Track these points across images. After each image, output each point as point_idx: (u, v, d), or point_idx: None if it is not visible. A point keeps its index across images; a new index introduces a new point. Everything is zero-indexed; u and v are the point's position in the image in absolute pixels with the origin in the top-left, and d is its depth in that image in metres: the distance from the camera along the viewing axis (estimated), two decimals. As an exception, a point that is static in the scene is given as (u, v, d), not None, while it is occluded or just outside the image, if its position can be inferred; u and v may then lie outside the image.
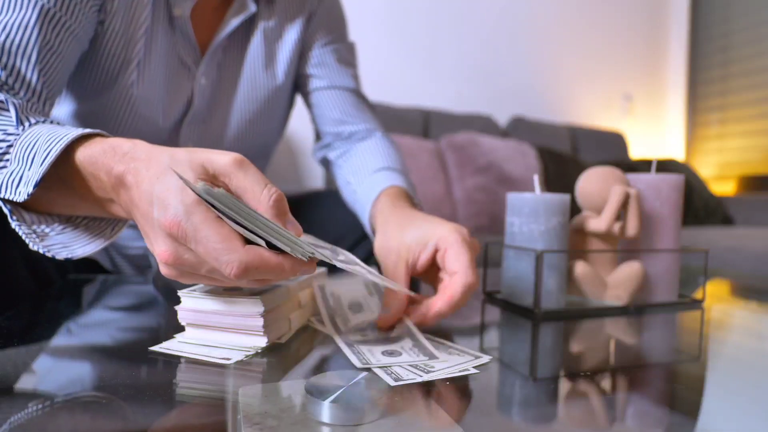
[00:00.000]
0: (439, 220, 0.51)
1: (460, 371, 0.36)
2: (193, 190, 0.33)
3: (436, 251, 0.48)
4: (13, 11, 0.53)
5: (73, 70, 0.63)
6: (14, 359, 0.38)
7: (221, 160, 0.36)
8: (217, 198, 0.33)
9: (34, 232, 0.45)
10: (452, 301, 0.45)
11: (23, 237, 0.44)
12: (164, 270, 0.36)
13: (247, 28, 0.76)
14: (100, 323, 0.51)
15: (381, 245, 0.53)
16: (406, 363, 0.37)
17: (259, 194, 0.35)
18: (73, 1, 0.57)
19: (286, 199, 0.37)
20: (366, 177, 0.74)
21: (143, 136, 0.70)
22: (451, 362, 0.37)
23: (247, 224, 0.33)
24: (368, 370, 0.36)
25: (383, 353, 0.39)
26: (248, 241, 0.34)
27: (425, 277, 0.52)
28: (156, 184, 0.35)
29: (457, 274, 0.46)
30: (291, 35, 0.79)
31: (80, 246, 0.47)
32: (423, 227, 0.50)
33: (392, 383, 0.32)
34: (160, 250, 0.35)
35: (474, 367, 0.37)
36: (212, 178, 0.36)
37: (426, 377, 0.34)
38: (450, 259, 0.47)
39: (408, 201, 0.65)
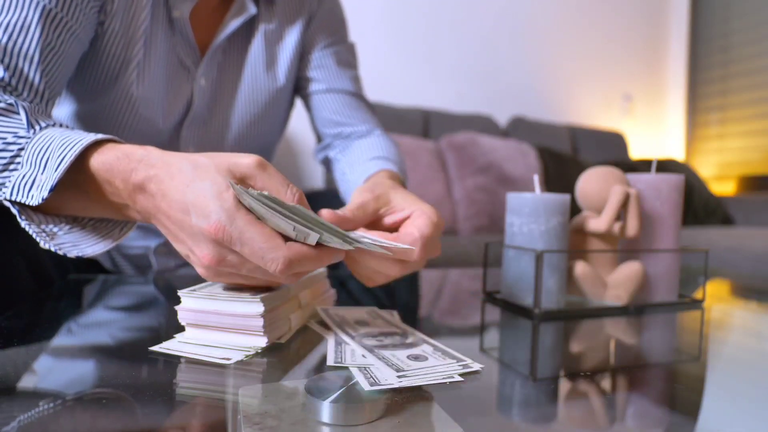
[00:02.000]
0: (427, 204, 0.50)
1: (443, 378, 0.34)
2: (246, 194, 0.35)
3: (408, 217, 0.47)
4: (15, 12, 0.53)
5: (73, 71, 0.64)
6: (14, 359, 0.38)
7: (244, 162, 0.38)
8: (272, 200, 0.36)
9: (43, 231, 0.46)
10: (426, 223, 0.45)
11: (34, 236, 0.45)
12: (203, 272, 0.38)
13: (248, 29, 0.76)
14: (100, 323, 0.51)
15: (361, 187, 0.52)
16: (383, 365, 0.35)
17: (284, 194, 0.38)
18: (73, 1, 0.57)
19: (305, 196, 0.39)
20: (359, 165, 0.75)
21: (144, 137, 0.70)
22: (437, 368, 0.36)
23: (301, 221, 0.36)
24: (342, 368, 0.35)
25: (364, 354, 0.38)
26: (287, 239, 0.37)
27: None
28: (187, 192, 0.37)
29: (409, 235, 0.44)
30: (291, 37, 0.79)
31: (89, 245, 0.47)
32: (411, 199, 0.50)
33: (367, 387, 0.31)
34: (203, 254, 0.37)
35: (460, 375, 0.35)
36: (240, 181, 0.38)
37: (403, 383, 0.32)
38: (416, 223, 0.45)
39: (400, 183, 0.65)
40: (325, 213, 0.43)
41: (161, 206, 0.39)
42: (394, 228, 0.49)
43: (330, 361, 0.37)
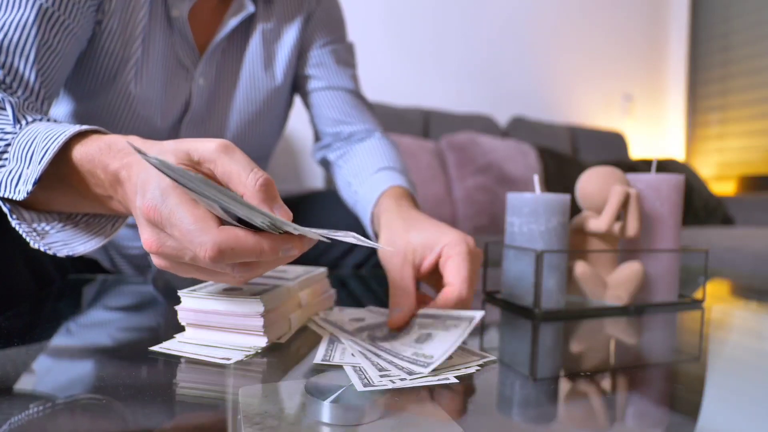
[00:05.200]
0: (446, 227, 0.51)
1: (438, 381, 0.34)
2: (148, 161, 0.30)
3: (439, 257, 0.49)
4: (12, 10, 0.53)
5: (71, 70, 0.63)
6: (14, 359, 0.38)
7: (206, 146, 0.35)
8: (171, 169, 0.30)
9: (34, 230, 0.45)
10: None
11: (24, 235, 0.45)
12: (155, 260, 0.36)
13: (246, 29, 0.76)
14: (100, 323, 0.51)
15: (386, 245, 0.53)
16: (368, 365, 0.35)
17: (245, 178, 0.34)
18: (71, 0, 0.57)
19: (274, 184, 0.35)
20: (367, 177, 0.74)
21: (142, 136, 0.70)
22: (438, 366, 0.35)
23: (205, 191, 0.31)
24: (330, 367, 0.35)
25: (354, 354, 0.38)
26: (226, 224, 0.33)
27: (428, 279, 0.52)
28: (141, 174, 0.35)
29: (452, 287, 0.46)
30: (289, 36, 0.79)
31: (80, 243, 0.47)
32: (430, 230, 0.51)
33: (360, 388, 0.31)
34: (144, 238, 0.34)
35: (456, 377, 0.34)
36: (196, 165, 0.35)
37: (397, 384, 0.32)
38: (449, 270, 0.47)
39: (411, 201, 0.65)
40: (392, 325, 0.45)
41: (127, 191, 0.37)
42: (433, 271, 0.50)
43: (318, 359, 0.37)
